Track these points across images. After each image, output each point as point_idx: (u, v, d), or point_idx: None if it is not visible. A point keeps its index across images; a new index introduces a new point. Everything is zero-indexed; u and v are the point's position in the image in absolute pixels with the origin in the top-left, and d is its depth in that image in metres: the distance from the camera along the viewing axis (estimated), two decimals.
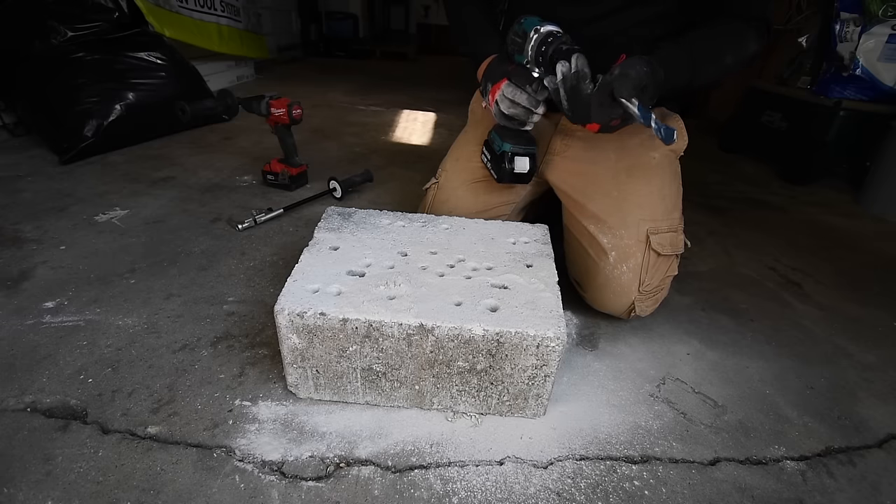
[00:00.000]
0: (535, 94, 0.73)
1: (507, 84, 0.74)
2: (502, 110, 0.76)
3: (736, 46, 0.72)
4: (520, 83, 0.73)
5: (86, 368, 0.70)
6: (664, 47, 0.68)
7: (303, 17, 3.90)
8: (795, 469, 0.62)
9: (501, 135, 0.81)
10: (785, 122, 1.85)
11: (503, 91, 0.75)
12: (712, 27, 0.72)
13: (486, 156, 0.88)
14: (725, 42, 0.72)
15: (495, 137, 0.83)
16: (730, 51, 0.72)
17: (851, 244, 1.32)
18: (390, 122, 2.26)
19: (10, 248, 0.99)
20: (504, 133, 0.81)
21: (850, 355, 0.86)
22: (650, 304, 0.82)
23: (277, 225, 1.16)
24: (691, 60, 0.69)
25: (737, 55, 0.72)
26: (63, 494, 0.52)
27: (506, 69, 0.76)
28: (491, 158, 0.86)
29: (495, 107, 0.77)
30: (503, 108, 0.76)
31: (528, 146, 0.81)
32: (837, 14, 1.64)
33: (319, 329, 0.59)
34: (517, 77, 0.73)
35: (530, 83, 0.72)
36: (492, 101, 0.78)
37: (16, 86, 1.50)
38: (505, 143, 0.81)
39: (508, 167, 0.81)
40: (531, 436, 0.64)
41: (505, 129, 0.80)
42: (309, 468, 0.57)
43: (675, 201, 0.83)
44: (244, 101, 1.25)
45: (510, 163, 0.81)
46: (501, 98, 0.75)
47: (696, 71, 0.69)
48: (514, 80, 0.74)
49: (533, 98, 0.73)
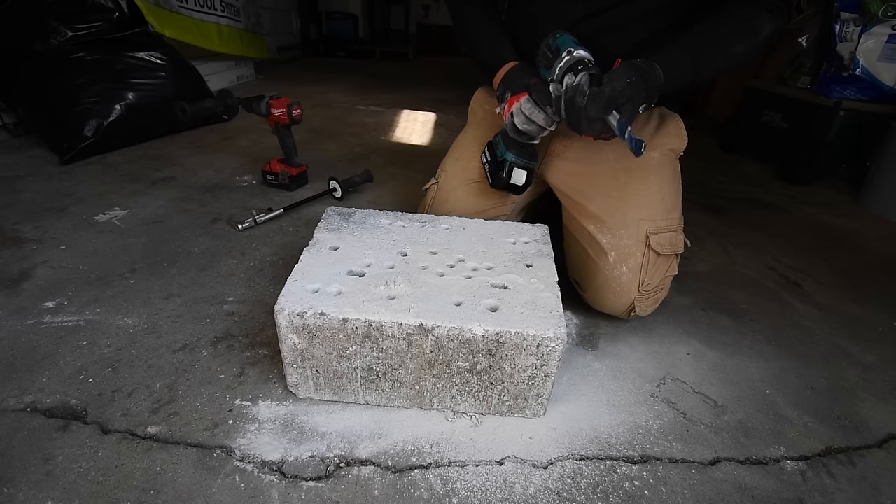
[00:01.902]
0: (552, 116, 0.72)
1: (527, 100, 0.73)
2: (516, 124, 0.75)
3: (746, 34, 0.70)
4: (540, 101, 0.72)
5: (86, 368, 0.70)
6: (665, 45, 0.68)
7: (303, 17, 3.91)
8: (795, 469, 0.62)
9: (507, 143, 0.81)
10: (785, 122, 1.85)
11: (521, 106, 0.74)
12: (719, 16, 0.70)
13: (486, 157, 0.88)
14: (734, 30, 0.70)
15: (500, 143, 0.83)
16: (739, 39, 0.70)
17: (851, 244, 1.32)
18: (390, 122, 2.26)
19: (10, 248, 0.99)
20: (510, 142, 0.81)
21: (850, 355, 0.86)
22: (650, 304, 0.82)
23: (277, 225, 1.16)
24: (695, 55, 0.68)
25: (747, 42, 0.70)
26: (63, 494, 0.52)
27: (527, 83, 0.74)
28: (490, 161, 0.86)
29: (509, 118, 0.76)
30: (517, 122, 0.75)
31: (529, 160, 0.81)
32: (837, 14, 1.63)
33: (319, 329, 0.59)
34: (538, 94, 0.72)
35: (551, 104, 0.71)
36: (507, 111, 0.76)
37: (16, 86, 1.50)
38: (508, 153, 0.81)
39: (505, 177, 0.82)
40: (531, 436, 0.64)
41: (512, 139, 0.80)
42: (309, 468, 0.57)
43: (675, 201, 0.83)
44: (244, 101, 1.25)
45: (508, 173, 0.81)
46: (518, 112, 0.74)
47: (700, 65, 0.68)
48: (535, 97, 0.72)
49: (549, 119, 0.73)
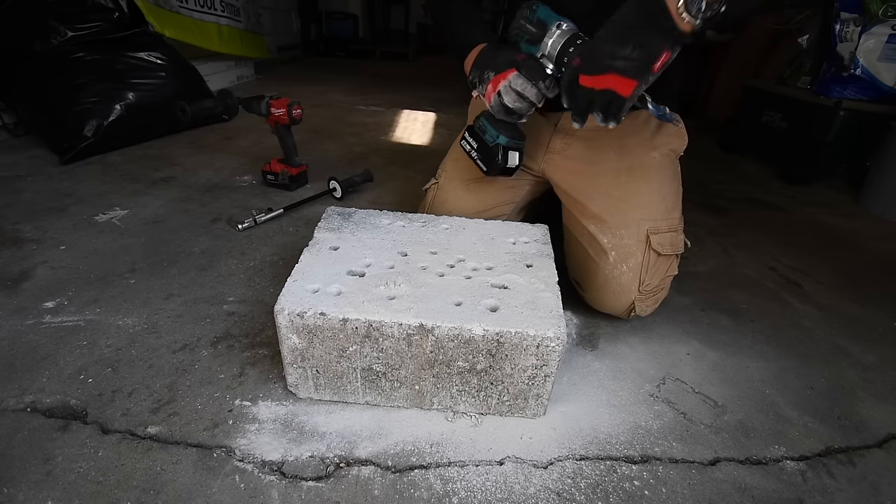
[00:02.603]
0: (546, 91, 0.69)
1: (517, 76, 0.69)
2: (506, 103, 0.71)
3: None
4: (532, 77, 0.68)
5: (86, 368, 0.70)
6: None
7: (303, 17, 3.91)
8: (795, 469, 0.62)
9: (495, 126, 0.77)
10: (785, 122, 1.85)
11: (511, 82, 0.70)
12: None
13: (469, 144, 0.83)
14: None
15: (488, 127, 0.79)
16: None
17: (851, 244, 1.32)
18: (390, 122, 2.26)
19: (10, 248, 0.99)
20: (498, 125, 0.77)
21: (850, 355, 0.86)
22: (650, 303, 0.82)
23: (277, 225, 1.16)
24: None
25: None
26: (63, 494, 0.52)
27: (513, 59, 0.70)
28: (478, 147, 0.81)
29: (496, 98, 0.72)
30: (507, 100, 0.71)
31: (520, 141, 0.78)
32: (837, 14, 1.63)
33: (319, 329, 0.59)
34: (529, 70, 0.68)
35: (543, 79, 0.68)
36: (492, 91, 0.72)
37: (16, 85, 1.50)
38: (500, 136, 0.77)
39: (501, 161, 0.78)
40: (531, 436, 0.64)
41: (500, 120, 0.76)
42: (309, 468, 0.57)
43: (676, 201, 0.83)
44: (244, 101, 1.25)
45: (503, 157, 0.78)
46: (507, 90, 0.70)
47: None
48: (526, 73, 0.68)
49: (541, 94, 0.70)
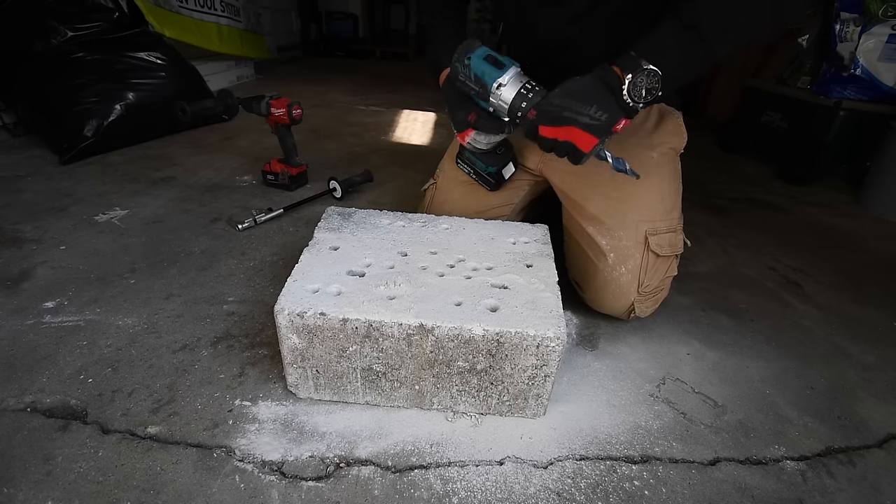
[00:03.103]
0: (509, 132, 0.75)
1: (477, 133, 0.76)
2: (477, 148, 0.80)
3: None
4: (490, 131, 0.74)
5: (86, 368, 0.70)
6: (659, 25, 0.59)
7: (303, 17, 3.91)
8: (795, 469, 0.62)
9: (480, 158, 0.84)
10: (785, 122, 1.85)
11: (473, 139, 0.78)
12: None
13: (467, 169, 0.90)
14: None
15: (476, 161, 0.86)
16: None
17: (851, 244, 1.32)
18: (390, 122, 2.26)
19: (10, 248, 0.99)
20: (482, 156, 0.84)
21: (850, 355, 0.86)
22: (650, 304, 0.82)
23: (277, 225, 1.16)
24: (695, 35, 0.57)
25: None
26: (63, 494, 0.52)
27: (466, 119, 0.74)
28: (475, 173, 0.89)
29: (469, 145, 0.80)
30: (480, 146, 0.80)
31: (507, 153, 0.84)
32: (837, 14, 1.63)
33: (319, 329, 0.59)
34: (486, 127, 0.73)
35: (501, 130, 0.73)
36: (462, 142, 0.80)
37: (16, 85, 1.50)
38: (490, 167, 0.84)
39: (497, 184, 0.86)
40: (531, 436, 0.64)
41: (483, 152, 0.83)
42: (309, 468, 0.57)
43: (675, 201, 0.83)
44: (244, 101, 1.25)
45: (498, 181, 0.86)
46: (474, 140, 0.78)
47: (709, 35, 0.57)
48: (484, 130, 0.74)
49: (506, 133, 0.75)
